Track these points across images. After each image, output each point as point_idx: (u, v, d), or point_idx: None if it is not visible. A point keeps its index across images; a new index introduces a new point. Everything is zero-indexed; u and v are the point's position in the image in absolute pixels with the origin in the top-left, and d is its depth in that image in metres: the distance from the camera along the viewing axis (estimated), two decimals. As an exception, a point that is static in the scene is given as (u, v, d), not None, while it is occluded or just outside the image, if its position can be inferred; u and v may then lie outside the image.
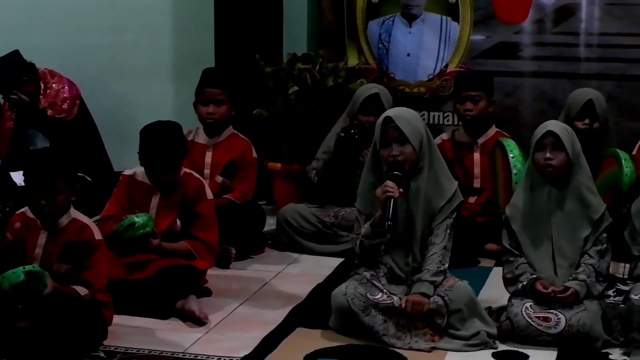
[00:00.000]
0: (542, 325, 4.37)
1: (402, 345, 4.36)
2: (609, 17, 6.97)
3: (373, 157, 4.61)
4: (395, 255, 4.56)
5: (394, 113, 4.54)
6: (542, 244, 4.54)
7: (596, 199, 4.57)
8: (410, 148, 4.47)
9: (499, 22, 7.17)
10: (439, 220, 4.54)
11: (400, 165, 4.46)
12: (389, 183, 4.40)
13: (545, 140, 4.48)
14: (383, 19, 7.33)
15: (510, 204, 4.64)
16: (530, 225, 4.55)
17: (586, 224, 4.52)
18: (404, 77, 7.31)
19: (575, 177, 4.53)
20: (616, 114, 6.81)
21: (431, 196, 4.54)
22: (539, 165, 4.50)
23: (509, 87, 7.16)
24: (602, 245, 4.53)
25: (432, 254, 4.50)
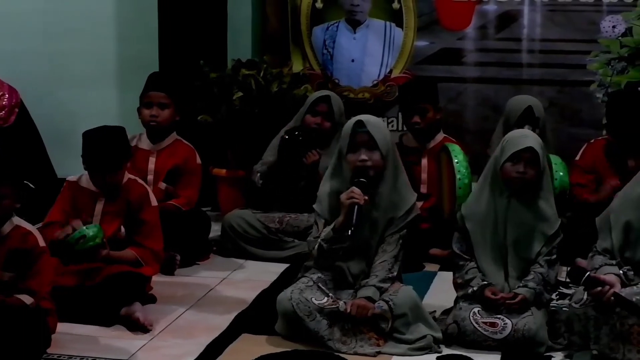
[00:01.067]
0: (488, 330, 4.40)
1: (347, 350, 4.36)
2: (550, 23, 7.05)
3: (337, 161, 4.61)
4: (349, 260, 4.56)
5: (366, 118, 4.54)
6: (495, 251, 4.57)
7: (553, 214, 4.59)
8: (378, 155, 4.47)
9: (442, 28, 7.21)
10: (394, 229, 4.55)
11: (366, 172, 4.46)
12: (355, 189, 4.40)
13: (523, 154, 4.49)
14: (327, 24, 7.35)
15: (467, 204, 4.65)
16: (485, 229, 4.57)
17: (540, 237, 4.55)
18: (349, 82, 7.33)
19: (539, 190, 4.56)
20: (557, 119, 6.90)
21: (390, 206, 4.56)
22: (509, 176, 4.50)
23: (453, 92, 7.20)
24: (551, 256, 4.56)
25: (382, 261, 4.52)
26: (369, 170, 4.46)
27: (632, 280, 4.26)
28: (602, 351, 4.18)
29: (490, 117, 6.94)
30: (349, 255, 4.55)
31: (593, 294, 4.16)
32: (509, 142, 4.55)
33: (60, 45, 7.55)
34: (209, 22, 7.07)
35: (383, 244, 4.55)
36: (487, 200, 4.59)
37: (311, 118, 6.08)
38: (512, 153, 4.49)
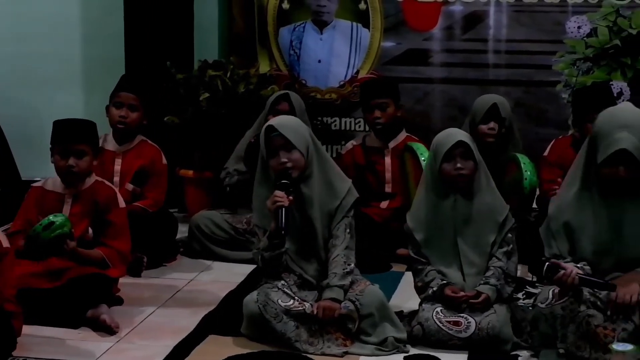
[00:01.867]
0: (452, 329, 4.41)
1: (314, 351, 4.36)
2: (516, 24, 7.08)
3: (262, 170, 4.60)
4: (302, 262, 4.56)
5: (276, 122, 4.55)
6: (449, 253, 4.59)
7: (499, 201, 4.63)
8: (297, 154, 4.47)
9: (408, 29, 7.23)
10: (337, 220, 4.55)
11: (287, 173, 4.46)
12: (277, 193, 4.39)
13: (455, 151, 4.51)
14: (294, 25, 7.35)
15: (411, 215, 4.67)
16: (435, 235, 4.59)
17: (492, 227, 4.58)
18: (316, 83, 7.33)
19: (478, 182, 4.58)
20: (524, 119, 6.93)
21: (325, 199, 4.56)
22: (449, 175, 4.53)
23: (420, 93, 7.22)
24: (508, 247, 4.59)
25: (335, 256, 4.52)
26: (292, 171, 4.47)
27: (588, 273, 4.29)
28: (569, 350, 4.20)
29: (456, 118, 6.96)
30: (300, 257, 4.55)
31: (556, 280, 4.17)
32: (438, 144, 4.58)
33: (26, 47, 7.51)
34: (175, 23, 7.05)
35: (331, 238, 4.55)
36: (430, 206, 4.61)
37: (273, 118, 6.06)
38: (445, 153, 4.51)
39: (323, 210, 4.55)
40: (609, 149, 4.18)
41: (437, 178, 4.57)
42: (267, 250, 4.48)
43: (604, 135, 4.23)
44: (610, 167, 4.20)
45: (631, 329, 4.17)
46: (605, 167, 4.21)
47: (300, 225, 4.53)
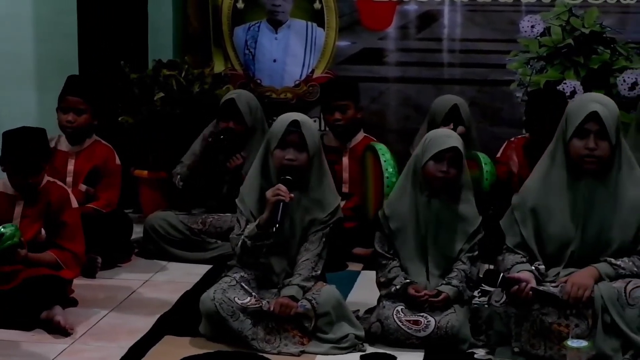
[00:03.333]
0: (412, 328, 4.42)
1: (271, 349, 4.36)
2: (470, 23, 7.11)
3: (263, 157, 4.60)
4: (272, 259, 4.56)
5: (301, 118, 4.55)
6: (417, 249, 4.60)
7: (473, 212, 4.65)
8: (305, 156, 4.49)
9: (363, 28, 7.24)
10: (316, 228, 4.57)
11: (294, 171, 4.46)
12: (281, 187, 4.40)
13: (447, 154, 4.51)
14: (249, 24, 7.33)
15: (389, 204, 4.66)
16: (408, 228, 4.60)
17: (462, 236, 4.60)
18: (271, 82, 7.32)
19: (459, 189, 4.60)
20: (478, 118, 6.95)
21: (313, 207, 4.57)
22: (432, 175, 4.53)
23: (375, 92, 7.23)
24: (473, 252, 4.61)
25: (305, 259, 4.53)
26: (296, 171, 4.47)
27: (544, 275, 4.31)
28: (524, 348, 4.23)
29: (411, 117, 6.98)
30: (271, 253, 4.54)
31: (512, 293, 4.20)
32: (432, 141, 4.58)
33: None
34: (129, 22, 7.01)
35: (306, 242, 4.55)
36: (409, 199, 4.61)
37: (223, 124, 6.06)
38: (435, 152, 4.51)
39: (307, 216, 4.56)
40: (580, 116, 4.24)
41: (418, 173, 4.58)
42: (251, 239, 4.45)
43: (576, 109, 4.31)
44: (580, 139, 4.24)
45: (585, 325, 4.20)
46: (577, 139, 4.24)
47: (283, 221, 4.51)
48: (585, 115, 4.23)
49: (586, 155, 4.25)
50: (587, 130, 4.24)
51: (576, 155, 4.28)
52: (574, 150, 4.28)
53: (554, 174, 4.38)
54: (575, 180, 4.33)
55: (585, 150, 4.24)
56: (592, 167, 4.27)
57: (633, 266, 4.29)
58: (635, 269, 4.29)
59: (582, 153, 4.25)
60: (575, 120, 4.26)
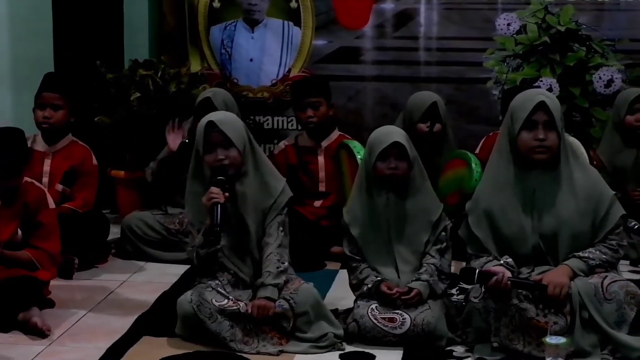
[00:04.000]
0: (387, 326, 4.42)
1: (249, 350, 4.35)
2: (446, 22, 7.13)
3: (196, 165, 4.58)
4: (236, 260, 4.54)
5: (217, 117, 4.53)
6: (383, 250, 4.59)
7: (433, 202, 4.66)
8: (235, 151, 4.46)
9: (340, 27, 7.24)
10: (270, 218, 4.55)
11: (224, 170, 4.45)
12: (213, 189, 4.38)
13: (390, 151, 4.52)
14: (225, 24, 7.32)
15: (348, 210, 4.66)
16: (370, 231, 4.59)
17: (425, 227, 4.60)
18: (247, 82, 7.32)
19: (413, 182, 4.60)
20: (455, 116, 6.97)
21: (259, 197, 4.55)
22: (383, 174, 4.54)
23: (352, 91, 7.24)
24: (442, 244, 4.61)
25: (268, 254, 4.51)
26: (228, 169, 4.46)
27: (514, 267, 4.32)
28: (503, 343, 4.23)
29: (389, 115, 6.99)
30: (233, 255, 4.53)
31: (490, 286, 4.21)
32: (374, 142, 4.59)
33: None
34: (104, 21, 7.00)
35: (265, 237, 4.55)
36: (366, 202, 4.61)
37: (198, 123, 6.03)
38: (380, 151, 4.52)
39: (257, 208, 4.54)
40: (527, 108, 4.26)
41: (371, 175, 4.58)
42: (202, 248, 4.45)
43: (521, 102, 4.33)
44: (529, 130, 4.25)
45: (563, 322, 4.21)
46: (525, 131, 4.26)
47: (234, 222, 4.51)
48: (533, 106, 4.25)
49: (537, 146, 4.26)
50: (535, 122, 4.26)
51: (526, 148, 4.28)
52: (523, 142, 4.28)
53: (502, 172, 4.39)
54: (525, 174, 4.34)
55: (535, 142, 4.25)
56: (543, 158, 4.28)
57: (601, 254, 4.32)
58: (604, 256, 4.32)
59: (533, 144, 4.26)
60: (522, 112, 4.27)
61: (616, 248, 4.36)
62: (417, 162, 4.62)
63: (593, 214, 4.33)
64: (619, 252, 4.40)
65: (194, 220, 4.54)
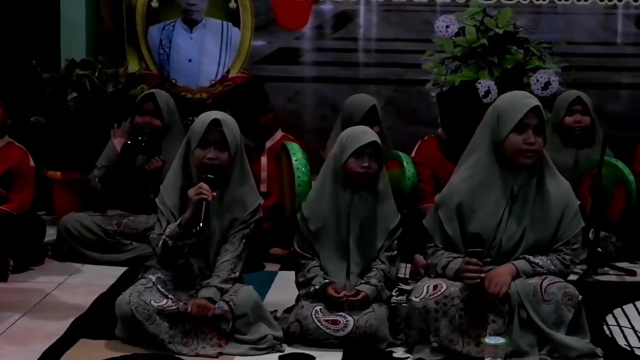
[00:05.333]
0: (330, 328, 4.41)
1: (188, 352, 4.31)
2: (385, 23, 7.15)
3: (183, 156, 4.55)
4: (191, 259, 4.50)
5: (222, 117, 4.50)
6: (338, 248, 4.58)
7: (393, 208, 4.66)
8: (226, 155, 4.45)
9: (279, 28, 7.24)
10: (236, 229, 4.53)
11: (216, 169, 4.43)
12: (203, 185, 4.35)
13: (366, 149, 4.51)
14: (164, 24, 7.28)
15: (308, 205, 4.64)
16: (328, 228, 4.58)
17: (383, 232, 4.59)
18: (186, 82, 7.28)
19: (377, 185, 4.60)
20: (394, 118, 7.01)
21: (235, 206, 4.53)
22: (354, 172, 4.51)
23: (291, 92, 7.24)
24: (392, 252, 4.62)
25: (224, 260, 4.49)
26: (217, 170, 4.44)
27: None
28: (442, 343, 4.24)
29: (328, 116, 6.99)
30: (190, 254, 4.49)
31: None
32: (350, 139, 4.57)
33: None
34: (41, 21, 6.92)
35: (226, 243, 4.52)
36: (328, 198, 4.60)
37: (139, 118, 6.00)
38: (355, 149, 4.52)
39: (228, 217, 4.52)
40: (520, 111, 4.25)
41: (339, 172, 4.57)
42: (174, 239, 4.40)
43: (512, 105, 4.31)
44: (519, 133, 4.26)
45: (501, 322, 4.23)
46: (515, 133, 4.26)
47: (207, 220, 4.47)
48: (528, 109, 4.25)
49: (525, 150, 4.27)
50: (527, 125, 4.27)
51: (514, 150, 4.28)
52: (512, 145, 4.27)
53: (481, 171, 4.37)
54: (507, 176, 4.35)
55: (525, 145, 4.26)
56: (528, 162, 4.29)
57: (551, 264, 4.34)
58: (552, 267, 4.33)
59: (522, 147, 4.26)
60: (514, 115, 4.26)
61: (568, 264, 4.37)
62: (383, 168, 4.63)
63: (557, 223, 4.35)
64: (569, 269, 4.41)
65: (166, 212, 4.49)
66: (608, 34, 7.10)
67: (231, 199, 4.53)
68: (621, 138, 6.62)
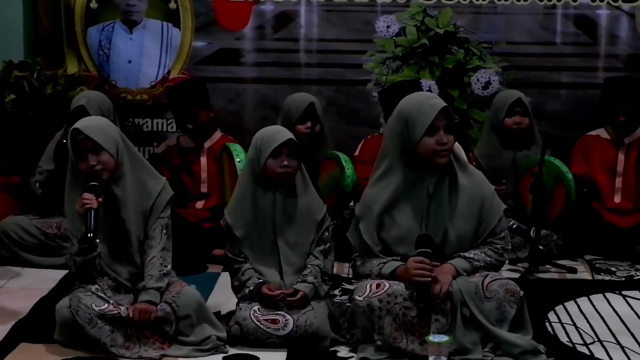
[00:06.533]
0: (270, 327, 4.40)
1: (131, 355, 4.29)
2: (326, 24, 7.15)
3: (72, 174, 4.49)
4: (116, 265, 4.48)
5: (82, 124, 4.44)
6: (268, 251, 4.58)
7: (317, 201, 4.66)
8: (107, 155, 4.39)
9: (220, 28, 7.20)
10: (152, 221, 4.49)
11: (96, 175, 4.37)
12: (86, 195, 4.31)
13: (283, 149, 4.50)
14: (103, 25, 7.21)
15: (230, 212, 4.62)
16: (254, 232, 4.57)
17: (311, 227, 4.60)
18: (126, 84, 7.21)
19: (298, 182, 4.59)
20: (336, 118, 7.01)
21: (139, 199, 4.49)
22: (274, 172, 4.51)
23: (232, 93, 7.20)
24: (325, 245, 4.62)
25: (151, 258, 4.45)
26: (102, 173, 4.39)
27: None
28: (386, 341, 4.25)
29: (269, 117, 6.95)
30: (113, 260, 4.47)
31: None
32: (265, 140, 4.57)
33: None
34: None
35: (147, 240, 4.49)
36: (250, 203, 4.58)
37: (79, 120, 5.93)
38: (273, 149, 4.50)
39: (137, 210, 4.48)
40: (430, 113, 4.28)
41: (259, 174, 4.55)
42: (79, 255, 4.37)
43: (418, 108, 4.33)
44: (431, 135, 4.28)
45: (445, 320, 4.25)
46: (427, 135, 4.28)
47: (113, 227, 4.43)
48: (438, 111, 4.28)
49: (440, 150, 4.30)
50: (437, 126, 4.30)
51: (429, 152, 4.31)
52: (426, 147, 4.31)
53: (395, 177, 4.41)
54: (421, 178, 4.38)
55: (439, 146, 4.30)
56: (444, 162, 4.33)
57: (485, 256, 4.38)
58: (488, 258, 4.38)
59: (436, 149, 4.30)
60: (424, 119, 4.29)
61: (501, 252, 4.43)
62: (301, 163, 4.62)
63: (478, 215, 4.39)
64: (504, 257, 4.47)
65: (72, 228, 4.45)
66: (547, 33, 7.16)
67: (132, 194, 4.48)
68: (560, 137, 6.68)
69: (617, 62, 7.15)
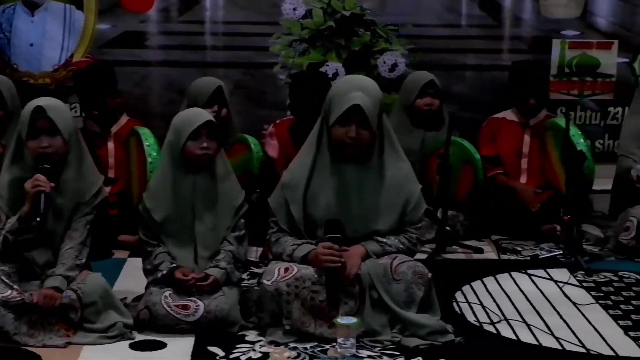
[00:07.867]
0: (180, 313, 4.36)
1: (35, 343, 4.21)
2: (233, 6, 7.09)
3: (16, 149, 4.42)
4: (35, 250, 4.40)
5: (46, 103, 4.37)
6: (185, 235, 4.53)
7: (237, 186, 4.63)
8: (60, 140, 4.33)
9: (124, 10, 7.09)
10: (81, 214, 4.44)
11: (48, 158, 4.31)
12: (40, 177, 4.25)
13: (202, 130, 4.46)
14: (3, 7, 7.06)
15: (149, 196, 4.57)
16: (173, 216, 4.52)
17: (229, 211, 4.57)
18: (28, 67, 7.08)
19: (217, 164, 4.55)
20: (243, 101, 6.97)
21: (76, 191, 4.43)
22: (193, 155, 4.46)
23: (137, 76, 7.11)
24: (240, 232, 4.59)
25: (69, 247, 4.39)
26: (52, 157, 4.32)
27: None
28: (294, 325, 4.24)
29: (176, 101, 6.86)
30: (34, 245, 4.39)
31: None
32: (184, 122, 4.52)
33: None
34: None
35: (70, 230, 4.41)
36: (170, 186, 4.53)
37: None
38: (192, 131, 4.46)
39: (71, 201, 4.41)
40: (342, 106, 4.28)
41: (178, 157, 4.50)
42: (14, 234, 4.29)
43: (339, 95, 4.34)
44: (342, 126, 4.29)
45: (353, 302, 4.26)
46: (338, 125, 4.29)
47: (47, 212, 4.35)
48: (348, 106, 4.27)
49: (348, 142, 4.31)
50: (349, 120, 4.29)
51: (338, 141, 4.34)
52: (336, 135, 4.34)
53: (319, 157, 4.42)
54: (340, 163, 4.39)
55: (348, 138, 4.30)
56: (354, 153, 4.35)
57: (399, 243, 4.41)
58: (400, 245, 4.41)
59: (345, 140, 4.31)
60: (338, 108, 4.30)
61: (415, 242, 4.47)
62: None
63: (401, 208, 4.41)
64: (417, 247, 4.52)
65: (4, 205, 4.37)
66: (453, 16, 7.20)
67: (72, 184, 4.42)
68: (467, 119, 6.73)
69: (522, 44, 7.23)
